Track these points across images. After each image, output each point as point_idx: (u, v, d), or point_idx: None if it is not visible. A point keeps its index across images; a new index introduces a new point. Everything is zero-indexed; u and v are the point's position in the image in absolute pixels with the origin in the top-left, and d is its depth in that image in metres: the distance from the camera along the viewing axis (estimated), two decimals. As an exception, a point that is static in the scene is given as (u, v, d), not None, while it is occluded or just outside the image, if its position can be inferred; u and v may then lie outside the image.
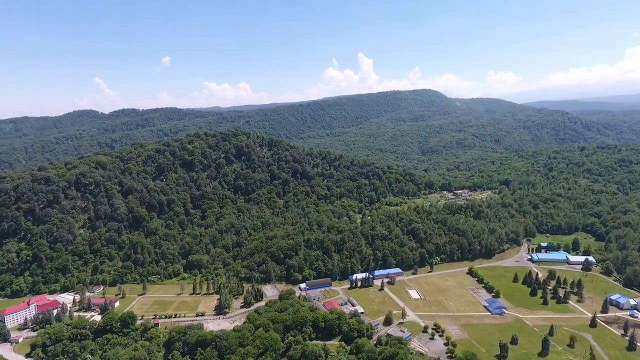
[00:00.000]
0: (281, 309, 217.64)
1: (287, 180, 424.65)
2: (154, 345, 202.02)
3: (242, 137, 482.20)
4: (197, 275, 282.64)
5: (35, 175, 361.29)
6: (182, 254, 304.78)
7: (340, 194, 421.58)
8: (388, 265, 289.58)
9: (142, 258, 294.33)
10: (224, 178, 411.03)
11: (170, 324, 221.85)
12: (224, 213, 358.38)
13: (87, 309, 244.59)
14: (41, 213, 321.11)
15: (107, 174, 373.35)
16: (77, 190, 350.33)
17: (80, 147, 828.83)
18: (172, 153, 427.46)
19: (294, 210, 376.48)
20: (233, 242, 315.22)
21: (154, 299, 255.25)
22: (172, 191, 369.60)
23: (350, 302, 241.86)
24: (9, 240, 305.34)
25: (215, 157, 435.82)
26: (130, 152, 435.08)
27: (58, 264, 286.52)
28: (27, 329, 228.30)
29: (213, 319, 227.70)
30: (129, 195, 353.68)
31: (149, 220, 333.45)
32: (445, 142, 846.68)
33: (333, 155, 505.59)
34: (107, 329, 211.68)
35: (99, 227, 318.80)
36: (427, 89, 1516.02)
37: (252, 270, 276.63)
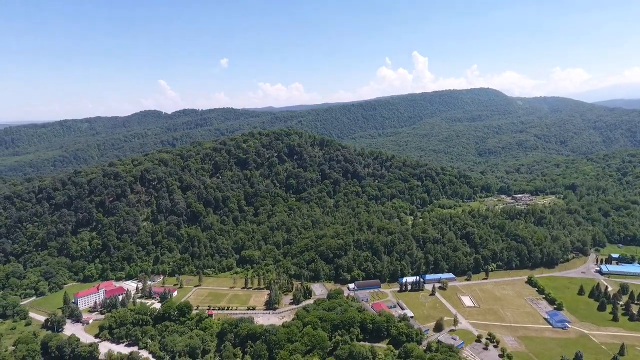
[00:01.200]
0: (329, 308, 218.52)
1: (337, 180, 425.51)
2: (208, 335, 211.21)
3: (294, 136, 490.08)
4: (249, 270, 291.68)
5: (106, 170, 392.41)
6: (235, 249, 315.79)
7: (392, 195, 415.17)
8: (440, 269, 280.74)
9: (199, 251, 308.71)
10: (276, 176, 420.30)
11: (223, 315, 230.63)
12: (275, 211, 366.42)
13: (148, 296, 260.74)
14: (110, 205, 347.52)
15: (169, 170, 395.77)
16: (142, 185, 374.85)
17: (145, 144, 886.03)
18: (227, 151, 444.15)
19: (344, 210, 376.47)
20: (284, 240, 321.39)
21: (208, 290, 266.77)
22: (227, 188, 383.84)
23: (399, 306, 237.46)
24: (83, 229, 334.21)
25: (268, 155, 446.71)
26: (189, 150, 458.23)
27: (124, 253, 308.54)
28: (96, 312, 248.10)
29: (263, 313, 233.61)
30: (187, 191, 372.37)
31: (206, 216, 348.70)
32: (505, 143, 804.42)
33: (385, 155, 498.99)
34: (165, 317, 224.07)
35: (161, 221, 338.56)
36: (485, 88, 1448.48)
37: (301, 267, 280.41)
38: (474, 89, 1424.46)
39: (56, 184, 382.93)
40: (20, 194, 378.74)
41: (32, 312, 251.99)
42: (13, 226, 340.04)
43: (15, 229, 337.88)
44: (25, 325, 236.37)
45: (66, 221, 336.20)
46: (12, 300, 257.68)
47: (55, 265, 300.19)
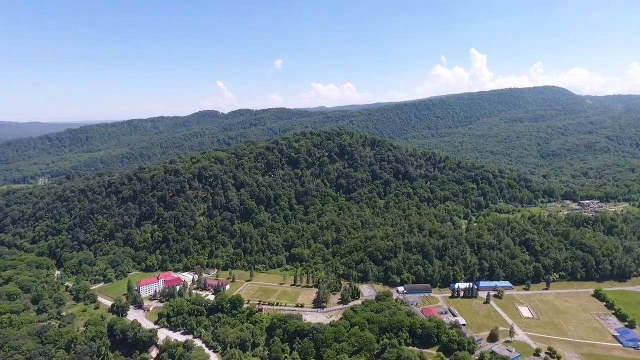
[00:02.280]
0: (377, 310, 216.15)
1: (388, 181, 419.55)
2: (257, 328, 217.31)
3: (345, 136, 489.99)
4: (298, 267, 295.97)
5: (167, 167, 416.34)
6: (285, 246, 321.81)
7: (445, 197, 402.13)
8: (495, 277, 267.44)
9: (250, 247, 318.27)
10: (326, 176, 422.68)
11: (272, 310, 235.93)
12: (325, 210, 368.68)
13: (203, 288, 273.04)
14: (170, 200, 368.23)
15: (224, 168, 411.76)
16: (199, 181, 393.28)
17: (203, 143, 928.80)
18: (280, 151, 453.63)
19: (394, 212, 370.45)
20: (333, 239, 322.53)
21: (259, 286, 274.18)
22: (279, 186, 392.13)
23: (450, 312, 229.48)
24: (146, 222, 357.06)
25: (319, 155, 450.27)
26: (243, 149, 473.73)
27: (182, 246, 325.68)
28: (155, 300, 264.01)
29: (311, 311, 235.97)
30: (241, 188, 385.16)
31: (258, 213, 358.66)
32: (571, 145, 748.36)
33: (438, 156, 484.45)
34: (218, 308, 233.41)
35: (216, 216, 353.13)
36: (549, 86, 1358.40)
37: (350, 268, 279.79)
38: (538, 87, 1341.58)
39: (123, 179, 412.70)
40: (93, 188, 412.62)
41: (101, 296, 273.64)
42: (86, 217, 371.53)
43: (87, 219, 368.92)
44: (95, 309, 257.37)
45: (131, 214, 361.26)
46: (84, 285, 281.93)
47: (121, 254, 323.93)
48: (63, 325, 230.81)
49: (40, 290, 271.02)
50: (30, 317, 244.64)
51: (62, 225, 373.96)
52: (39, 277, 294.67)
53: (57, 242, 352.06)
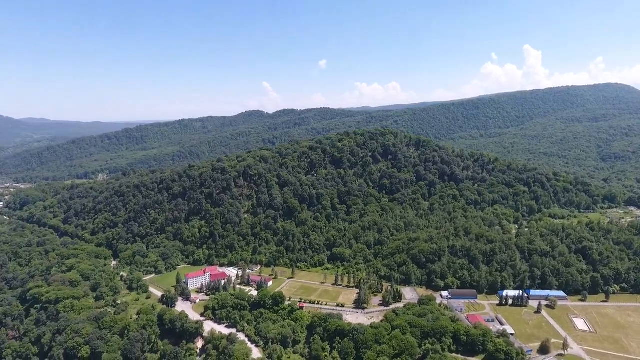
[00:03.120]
0: (420, 314, 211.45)
1: (433, 182, 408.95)
2: (298, 326, 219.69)
3: (389, 136, 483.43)
4: (339, 267, 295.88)
5: (215, 165, 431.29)
6: (327, 245, 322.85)
7: (493, 200, 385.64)
8: (548, 286, 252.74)
9: (293, 245, 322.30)
10: (369, 176, 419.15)
11: (313, 309, 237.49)
12: (367, 210, 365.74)
13: (246, 283, 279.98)
14: (217, 197, 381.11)
15: (268, 167, 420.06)
16: (245, 180, 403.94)
17: (248, 142, 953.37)
18: (323, 150, 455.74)
19: (439, 214, 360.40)
20: (375, 240, 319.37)
21: (300, 284, 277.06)
22: (322, 186, 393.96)
23: (498, 320, 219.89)
24: (194, 217, 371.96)
25: (363, 155, 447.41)
26: (287, 149, 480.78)
27: (227, 241, 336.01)
28: (202, 293, 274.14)
29: (352, 311, 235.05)
30: (284, 187, 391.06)
31: (300, 212, 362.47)
32: (636, 147, 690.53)
33: (487, 157, 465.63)
34: (261, 304, 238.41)
35: (260, 214, 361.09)
36: (613, 83, 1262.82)
37: (392, 270, 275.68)
38: (599, 84, 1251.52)
39: (174, 176, 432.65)
40: (146, 184, 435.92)
41: (152, 287, 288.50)
42: (140, 211, 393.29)
43: (141, 214, 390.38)
44: (146, 298, 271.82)
45: (181, 209, 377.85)
46: (137, 275, 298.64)
47: (171, 248, 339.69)
48: (118, 313, 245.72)
49: (98, 279, 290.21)
50: (89, 303, 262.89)
51: (118, 218, 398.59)
52: (98, 266, 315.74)
53: (114, 234, 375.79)
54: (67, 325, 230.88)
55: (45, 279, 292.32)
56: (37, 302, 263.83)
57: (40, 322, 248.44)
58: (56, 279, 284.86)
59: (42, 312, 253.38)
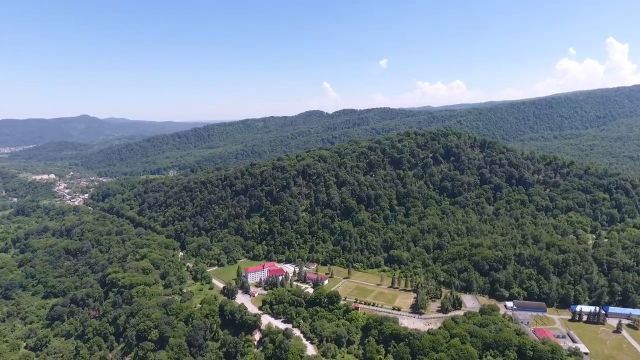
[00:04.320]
0: (481, 324, 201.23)
1: (499, 186, 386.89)
2: (353, 326, 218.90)
3: (452, 137, 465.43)
4: (396, 270, 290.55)
5: (275, 164, 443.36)
6: (384, 247, 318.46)
7: (567, 207, 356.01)
8: (630, 303, 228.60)
9: (349, 245, 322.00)
10: (430, 178, 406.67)
11: (368, 310, 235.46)
12: (427, 213, 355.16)
13: (302, 281, 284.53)
14: (277, 195, 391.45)
15: (327, 166, 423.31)
16: (303, 178, 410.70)
17: (308, 142, 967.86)
18: (382, 150, 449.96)
19: (505, 220, 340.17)
20: (434, 244, 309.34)
21: (356, 284, 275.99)
22: (380, 187, 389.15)
23: (569, 337, 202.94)
24: (255, 214, 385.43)
25: (423, 156, 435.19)
26: (346, 148, 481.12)
27: (285, 239, 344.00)
28: (260, 287, 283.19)
29: (408, 316, 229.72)
30: (342, 187, 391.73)
31: (358, 212, 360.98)
32: None
33: (561, 160, 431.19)
34: (316, 302, 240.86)
35: (317, 213, 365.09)
36: None
37: (452, 275, 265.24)
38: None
39: (237, 173, 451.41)
40: (211, 181, 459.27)
41: (214, 279, 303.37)
42: (205, 206, 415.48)
43: (206, 208, 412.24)
44: (209, 289, 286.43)
45: (242, 206, 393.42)
46: (201, 267, 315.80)
47: (232, 242, 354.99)
48: (184, 301, 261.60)
49: (167, 268, 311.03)
50: (159, 290, 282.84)
51: (186, 212, 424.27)
52: (167, 256, 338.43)
53: (181, 227, 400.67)
54: (139, 309, 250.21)
55: (121, 266, 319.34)
56: (115, 286, 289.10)
57: (116, 304, 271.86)
58: (131, 266, 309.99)
59: (119, 296, 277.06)
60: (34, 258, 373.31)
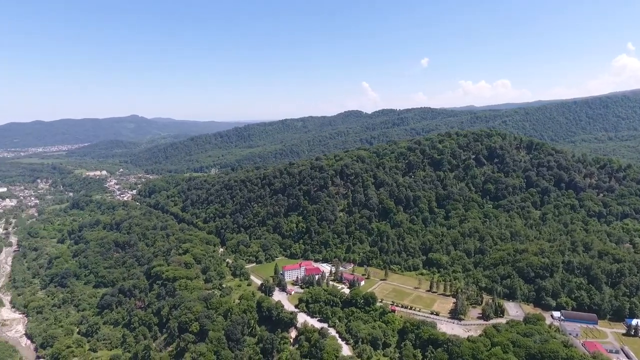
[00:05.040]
0: (525, 333, 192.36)
1: (547, 189, 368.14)
2: (389, 329, 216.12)
3: (496, 137, 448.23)
4: (435, 273, 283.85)
5: (313, 164, 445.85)
6: (422, 249, 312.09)
7: (623, 213, 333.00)
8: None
9: (387, 247, 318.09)
10: (471, 180, 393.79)
11: (405, 313, 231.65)
12: (468, 216, 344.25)
13: (339, 280, 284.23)
14: (314, 195, 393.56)
15: (365, 167, 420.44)
16: (341, 178, 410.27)
17: (346, 142, 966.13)
18: (422, 151, 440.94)
19: (553, 225, 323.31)
20: (476, 248, 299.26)
21: (393, 286, 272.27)
22: (419, 188, 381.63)
23: (624, 353, 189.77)
24: (292, 213, 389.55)
25: (465, 157, 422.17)
26: (385, 149, 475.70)
27: (322, 238, 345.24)
28: (297, 285, 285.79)
29: (447, 321, 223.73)
30: (380, 187, 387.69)
31: (396, 213, 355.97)
32: None
33: (616, 164, 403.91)
34: (352, 303, 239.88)
35: (355, 213, 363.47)
36: None
37: (494, 281, 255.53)
38: None
39: (275, 172, 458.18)
40: (251, 179, 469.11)
41: (253, 275, 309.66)
42: (244, 204, 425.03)
43: (246, 206, 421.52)
44: (247, 285, 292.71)
45: (280, 205, 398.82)
46: (240, 263, 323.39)
47: (270, 240, 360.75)
48: (223, 296, 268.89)
49: (207, 263, 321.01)
50: (199, 284, 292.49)
51: (226, 209, 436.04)
52: (208, 252, 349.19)
53: (222, 224, 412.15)
54: (181, 302, 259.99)
55: (165, 259, 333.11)
56: (159, 278, 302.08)
57: (160, 296, 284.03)
58: (174, 260, 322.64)
59: (162, 288, 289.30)
60: (87, 249, 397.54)
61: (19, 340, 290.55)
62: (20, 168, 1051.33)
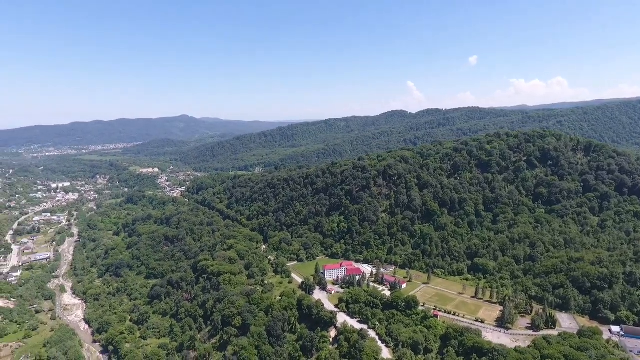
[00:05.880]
0: (579, 347, 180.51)
1: (607, 195, 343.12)
2: (431, 334, 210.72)
3: (550, 139, 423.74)
4: (480, 279, 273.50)
5: (356, 164, 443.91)
6: (467, 254, 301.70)
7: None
8: None
9: (430, 250, 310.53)
10: (522, 183, 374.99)
11: (448, 319, 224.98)
12: (518, 221, 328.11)
13: (379, 282, 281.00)
14: (356, 195, 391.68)
15: (408, 167, 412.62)
16: (384, 179, 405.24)
17: (389, 142, 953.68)
18: (468, 152, 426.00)
19: (613, 233, 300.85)
20: (525, 255, 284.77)
21: (436, 291, 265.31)
22: (465, 190, 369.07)
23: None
24: (334, 213, 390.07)
25: (515, 159, 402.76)
26: (429, 149, 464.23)
27: (363, 239, 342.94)
28: (337, 285, 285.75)
29: (493, 329, 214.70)
30: (424, 189, 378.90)
31: (440, 215, 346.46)
32: None
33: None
34: (393, 305, 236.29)
35: (397, 214, 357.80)
36: None
37: (545, 290, 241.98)
38: None
39: (318, 172, 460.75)
40: (294, 178, 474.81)
41: (293, 273, 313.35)
42: (287, 203, 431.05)
43: (288, 205, 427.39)
44: (288, 283, 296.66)
45: (322, 204, 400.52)
46: (281, 261, 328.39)
47: (312, 239, 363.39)
48: (265, 292, 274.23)
49: (250, 260, 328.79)
50: (242, 279, 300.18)
51: (269, 207, 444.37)
52: (251, 248, 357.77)
53: (265, 222, 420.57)
54: (225, 296, 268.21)
55: (211, 254, 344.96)
56: (204, 272, 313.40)
57: (205, 289, 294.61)
58: (219, 255, 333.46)
59: (208, 282, 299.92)
60: (139, 242, 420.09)
61: (78, 324, 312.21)
62: (82, 164, 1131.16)
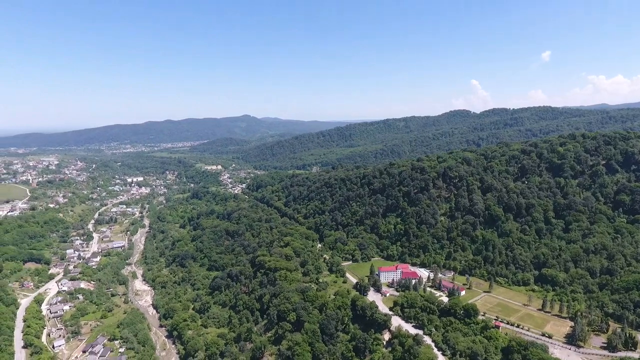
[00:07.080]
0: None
1: None
2: (492, 346, 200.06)
3: (634, 140, 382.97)
4: (549, 291, 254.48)
5: (414, 165, 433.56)
6: (534, 263, 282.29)
7: None
8: None
9: (492, 257, 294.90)
10: (600, 189, 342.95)
11: (511, 331, 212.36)
12: (594, 230, 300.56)
13: (437, 288, 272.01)
14: (414, 197, 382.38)
15: (471, 170, 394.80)
16: (444, 181, 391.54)
17: (451, 143, 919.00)
18: (538, 155, 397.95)
19: None
20: (602, 268, 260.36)
21: (498, 300, 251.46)
22: (534, 195, 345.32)
23: None
24: (390, 214, 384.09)
25: (592, 163, 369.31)
26: (494, 151, 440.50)
27: (421, 242, 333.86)
28: (392, 288, 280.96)
29: (562, 346, 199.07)
30: (487, 192, 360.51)
31: (504, 221, 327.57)
32: None
33: None
34: (450, 312, 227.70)
35: (457, 218, 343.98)
36: None
37: (624, 308, 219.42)
38: None
39: (375, 172, 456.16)
40: (351, 178, 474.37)
41: (348, 273, 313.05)
42: (343, 202, 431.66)
43: (344, 205, 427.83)
44: (342, 282, 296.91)
45: (379, 205, 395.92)
46: (336, 260, 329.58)
47: (367, 239, 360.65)
48: (319, 290, 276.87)
49: (306, 257, 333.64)
50: (298, 276, 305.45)
51: (325, 207, 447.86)
52: (307, 246, 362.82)
53: (321, 221, 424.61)
54: (280, 292, 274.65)
55: (268, 250, 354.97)
56: (262, 267, 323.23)
57: (262, 284, 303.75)
58: (276, 251, 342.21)
59: (265, 277, 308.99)
60: (203, 235, 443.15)
61: (147, 309, 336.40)
62: (154, 161, 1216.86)
